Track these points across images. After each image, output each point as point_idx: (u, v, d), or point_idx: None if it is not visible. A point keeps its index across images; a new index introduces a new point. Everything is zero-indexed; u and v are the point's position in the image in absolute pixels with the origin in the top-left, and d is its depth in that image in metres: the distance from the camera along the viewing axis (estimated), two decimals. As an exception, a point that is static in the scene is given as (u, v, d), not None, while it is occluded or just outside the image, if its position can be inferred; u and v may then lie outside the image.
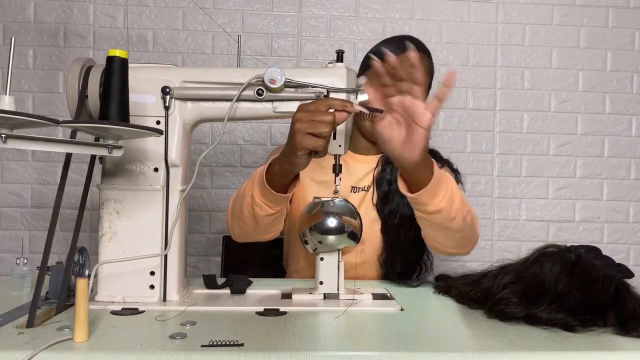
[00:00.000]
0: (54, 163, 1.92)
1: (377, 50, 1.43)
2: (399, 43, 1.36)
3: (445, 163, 1.44)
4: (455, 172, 1.43)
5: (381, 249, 1.33)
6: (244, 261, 1.55)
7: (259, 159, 1.96)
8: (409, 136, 0.95)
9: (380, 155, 1.45)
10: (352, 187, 1.40)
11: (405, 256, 1.29)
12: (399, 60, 0.94)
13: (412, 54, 0.92)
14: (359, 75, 1.41)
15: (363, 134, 1.44)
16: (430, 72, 1.42)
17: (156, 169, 1.01)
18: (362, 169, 1.43)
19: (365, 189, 1.39)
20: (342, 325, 0.88)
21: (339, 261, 1.06)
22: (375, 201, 1.35)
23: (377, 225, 1.34)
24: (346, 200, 1.06)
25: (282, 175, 1.05)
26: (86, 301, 0.76)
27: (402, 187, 1.02)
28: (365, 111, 0.99)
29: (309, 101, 1.01)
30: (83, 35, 1.91)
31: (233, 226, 1.24)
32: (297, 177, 1.08)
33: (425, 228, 1.13)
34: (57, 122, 0.76)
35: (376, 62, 0.96)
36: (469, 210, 1.12)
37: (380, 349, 0.75)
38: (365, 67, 1.43)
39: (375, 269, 1.35)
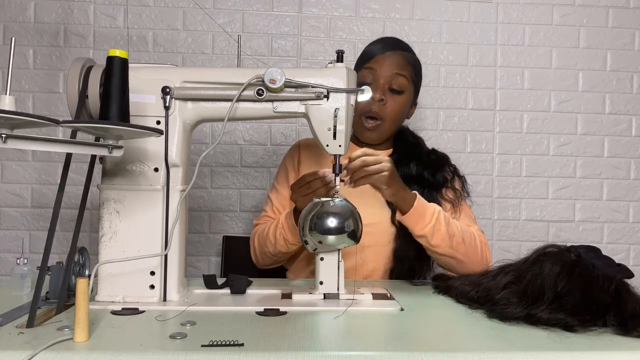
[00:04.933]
0: (54, 163, 1.92)
1: (361, 55, 1.45)
2: (377, 45, 1.46)
3: (453, 171, 1.47)
4: (462, 180, 1.46)
5: (393, 235, 1.35)
6: (244, 261, 1.55)
7: (259, 159, 1.96)
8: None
9: (387, 154, 1.46)
10: None
11: (415, 249, 1.30)
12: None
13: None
14: (359, 79, 1.43)
15: (360, 139, 1.45)
16: (409, 63, 1.43)
17: (156, 169, 1.01)
18: None
19: None
20: (342, 325, 0.88)
21: (339, 261, 1.06)
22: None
23: (387, 210, 1.35)
24: (346, 200, 1.06)
25: None
26: (86, 301, 0.76)
27: (397, 213, 1.26)
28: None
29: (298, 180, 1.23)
30: (83, 35, 1.91)
31: (264, 260, 1.43)
32: None
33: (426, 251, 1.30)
34: (57, 122, 0.76)
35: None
36: (467, 240, 1.27)
37: (380, 349, 0.75)
38: (360, 64, 1.44)
39: (385, 256, 1.35)
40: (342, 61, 1.06)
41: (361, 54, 1.47)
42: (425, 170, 1.41)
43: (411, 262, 1.31)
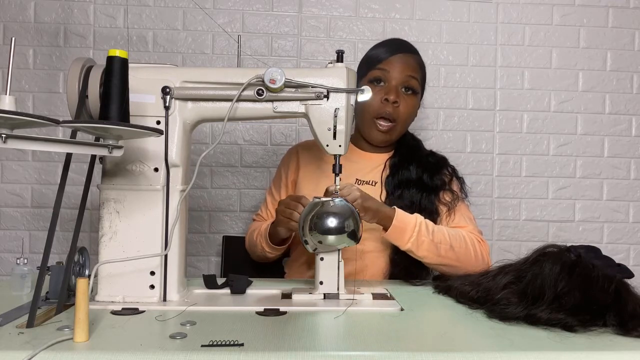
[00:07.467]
0: (54, 163, 1.92)
1: (369, 56, 1.45)
2: (389, 47, 1.46)
3: (451, 173, 1.46)
4: (461, 181, 1.46)
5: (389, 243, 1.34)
6: (244, 261, 1.55)
7: (259, 159, 1.96)
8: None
9: (389, 156, 1.46)
10: (357, 179, 1.41)
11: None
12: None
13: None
14: (358, 80, 1.43)
15: (370, 141, 1.45)
16: (420, 66, 1.46)
17: (156, 169, 1.01)
18: (367, 163, 1.44)
19: (372, 183, 1.41)
20: (342, 325, 0.88)
21: (339, 261, 1.06)
22: (383, 200, 1.37)
23: None
24: (346, 200, 1.06)
25: (278, 236, 1.36)
26: (86, 301, 0.76)
27: (381, 231, 1.25)
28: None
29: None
30: (83, 35, 1.91)
31: (254, 256, 1.53)
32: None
33: None
34: (57, 122, 0.76)
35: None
36: (456, 245, 1.26)
37: (380, 349, 0.75)
38: (363, 70, 1.44)
39: (384, 261, 1.35)
40: (342, 61, 1.06)
41: (370, 54, 1.47)
42: (424, 174, 1.41)
43: (408, 267, 1.31)
